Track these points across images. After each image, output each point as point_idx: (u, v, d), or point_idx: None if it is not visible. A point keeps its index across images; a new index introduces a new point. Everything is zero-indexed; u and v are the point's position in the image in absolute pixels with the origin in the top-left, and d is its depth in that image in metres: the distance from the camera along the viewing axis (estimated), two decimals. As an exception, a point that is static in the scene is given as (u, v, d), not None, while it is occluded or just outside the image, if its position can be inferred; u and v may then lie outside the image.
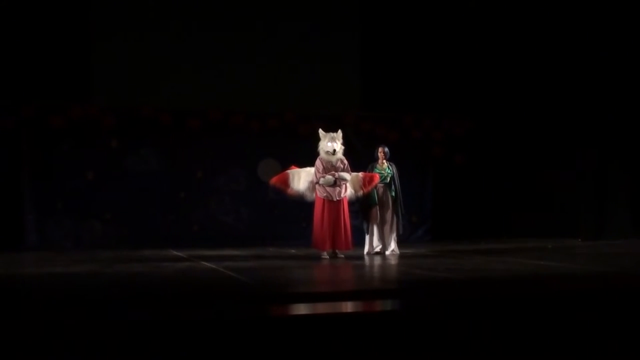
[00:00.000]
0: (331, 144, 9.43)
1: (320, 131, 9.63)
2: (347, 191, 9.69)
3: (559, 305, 5.32)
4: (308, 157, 9.90)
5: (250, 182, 13.49)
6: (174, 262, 8.91)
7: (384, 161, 10.32)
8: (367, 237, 10.29)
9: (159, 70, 13.17)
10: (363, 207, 10.37)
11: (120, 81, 12.99)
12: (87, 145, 12.84)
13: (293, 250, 11.24)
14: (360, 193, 9.87)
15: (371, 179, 9.89)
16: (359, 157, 12.93)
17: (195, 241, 12.83)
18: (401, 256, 9.81)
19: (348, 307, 5.34)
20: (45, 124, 12.51)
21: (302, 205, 10.40)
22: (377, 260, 9.31)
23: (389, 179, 10.27)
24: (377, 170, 10.19)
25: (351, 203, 10.30)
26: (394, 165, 10.38)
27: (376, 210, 10.18)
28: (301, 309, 5.21)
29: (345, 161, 9.67)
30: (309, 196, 9.73)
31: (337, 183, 9.48)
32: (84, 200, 12.76)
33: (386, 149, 10.37)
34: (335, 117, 13.18)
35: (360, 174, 9.89)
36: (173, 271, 7.71)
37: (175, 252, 10.92)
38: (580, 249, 10.71)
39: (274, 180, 9.76)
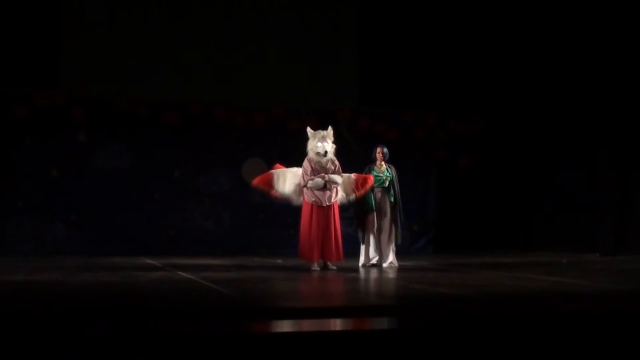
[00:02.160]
0: (322, 144, 9.40)
1: (309, 130, 9.60)
2: (338, 195, 9.65)
3: (573, 326, 5.31)
4: (298, 155, 9.85)
5: (234, 183, 13.48)
6: (147, 272, 8.87)
7: (383, 163, 10.29)
8: (362, 248, 10.27)
9: (134, 58, 13.17)
10: (358, 213, 10.34)
11: (91, 69, 12.98)
12: (52, 138, 12.82)
13: (280, 261, 11.21)
14: (353, 197, 9.83)
15: (365, 181, 9.85)
16: (354, 157, 12.99)
17: (171, 248, 12.85)
18: (400, 269, 9.78)
19: (338, 324, 5.32)
20: (5, 114, 12.48)
21: (290, 210, 10.39)
22: (373, 273, 9.28)
23: (387, 182, 10.24)
24: (375, 173, 10.18)
25: (344, 209, 10.28)
26: (393, 168, 10.36)
27: (373, 218, 10.16)
28: (286, 325, 5.18)
29: (337, 162, 9.61)
30: (295, 200, 9.69)
31: (327, 186, 9.42)
32: (47, 200, 12.74)
33: (385, 149, 10.34)
34: (329, 112, 13.24)
35: (353, 176, 9.85)
36: (146, 281, 7.66)
37: (148, 260, 10.88)
38: (597, 264, 10.69)
39: (256, 181, 9.72)
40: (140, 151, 13.24)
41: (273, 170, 9.73)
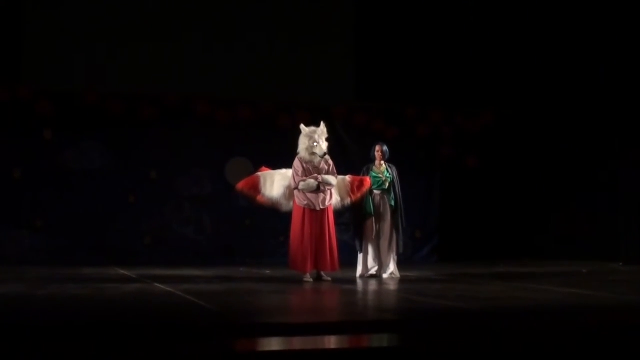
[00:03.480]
0: (318, 143, 9.43)
1: (303, 127, 9.63)
2: (333, 198, 9.66)
3: (593, 343, 5.31)
4: (288, 155, 9.87)
5: (217, 185, 13.47)
6: (121, 284, 8.85)
7: (382, 163, 10.29)
8: (360, 257, 10.26)
9: (106, 47, 13.12)
10: (356, 218, 10.33)
11: (58, 60, 12.93)
12: (14, 136, 12.79)
13: (268, 271, 11.19)
14: (348, 201, 9.84)
15: (361, 184, 9.86)
16: (350, 157, 13.02)
17: (147, 257, 12.81)
18: (402, 280, 9.79)
19: (333, 342, 5.31)
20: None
21: (280, 214, 10.37)
22: (372, 284, 9.29)
23: (387, 184, 10.23)
24: (374, 174, 10.18)
25: (339, 214, 10.26)
26: (394, 168, 10.36)
27: (372, 223, 10.15)
28: (275, 344, 5.19)
29: (331, 162, 9.63)
30: (285, 205, 9.71)
31: (320, 188, 9.44)
32: (10, 205, 12.70)
33: (384, 148, 10.34)
34: (323, 107, 13.18)
35: (348, 178, 9.86)
36: (120, 295, 7.66)
37: (122, 271, 10.86)
38: (620, 274, 10.75)
39: (241, 185, 9.74)
40: (113, 150, 13.19)
41: (259, 173, 9.74)
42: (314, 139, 9.44)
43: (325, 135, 9.56)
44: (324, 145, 9.47)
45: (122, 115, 13.07)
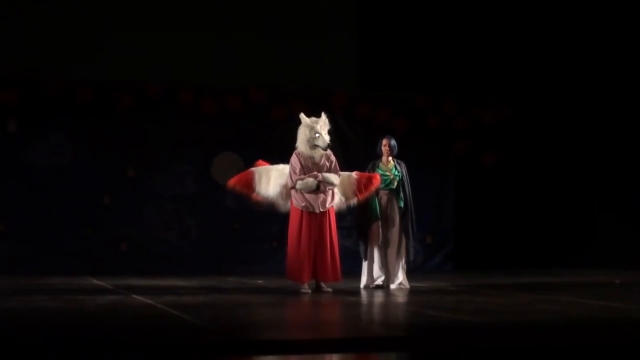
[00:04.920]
0: (320, 134, 9.38)
1: (302, 116, 9.57)
2: (335, 199, 9.62)
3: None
4: (283, 150, 9.83)
5: (202, 184, 13.51)
6: (95, 295, 8.83)
7: (390, 159, 10.24)
8: (364, 265, 10.21)
9: (77, 30, 13.11)
10: (360, 222, 10.29)
11: (22, 44, 12.93)
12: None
13: (261, 281, 11.19)
14: (354, 201, 9.82)
15: (369, 181, 9.81)
16: (353, 152, 13.01)
17: (124, 266, 12.83)
18: (412, 291, 9.77)
19: (335, 361, 5.28)
20: None
21: (274, 217, 10.39)
22: (379, 296, 9.24)
23: (395, 183, 10.19)
24: (380, 172, 10.12)
25: (341, 216, 10.23)
26: (403, 165, 10.31)
27: (378, 227, 10.10)
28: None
29: (333, 158, 9.59)
30: (282, 205, 9.67)
31: (320, 188, 9.40)
32: (-31, 206, 12.68)
33: (392, 142, 10.27)
34: (322, 96, 13.20)
35: (354, 175, 9.83)
36: (93, 308, 7.64)
37: (96, 281, 10.84)
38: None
39: (232, 182, 9.69)
40: (86, 144, 13.18)
41: (254, 168, 9.71)
42: (316, 130, 9.41)
43: (328, 126, 9.53)
44: (326, 137, 9.44)
45: (96, 106, 13.05)
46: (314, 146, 9.40)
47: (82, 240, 13.02)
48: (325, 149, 9.40)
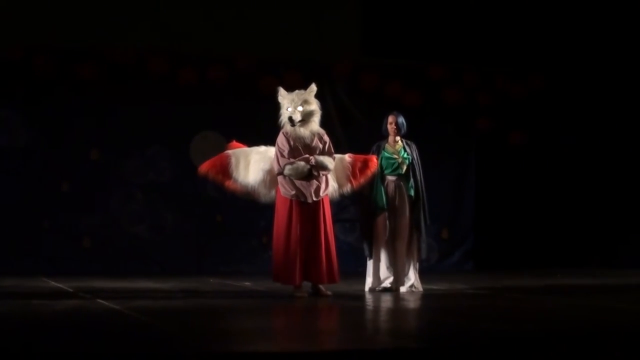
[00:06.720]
0: (290, 108, 9.30)
1: (280, 90, 9.50)
2: (330, 187, 9.52)
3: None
4: (274, 129, 9.65)
5: (178, 169, 13.48)
6: (53, 300, 8.83)
7: (398, 139, 10.16)
8: (369, 264, 10.15)
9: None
10: (363, 214, 10.25)
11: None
12: None
13: (247, 283, 11.22)
14: (348, 188, 9.71)
15: (365, 165, 9.73)
16: (355, 130, 13.01)
17: (87, 265, 12.88)
18: (425, 295, 9.74)
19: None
20: None
21: (262, 207, 10.36)
22: (386, 301, 9.22)
23: (404, 168, 10.10)
24: (387, 154, 10.06)
25: (341, 207, 10.14)
26: (414, 146, 10.23)
27: (384, 220, 10.04)
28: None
29: (327, 138, 9.50)
30: (265, 194, 9.56)
31: (313, 174, 9.30)
32: None
33: (400, 119, 10.17)
34: (320, 65, 13.29)
35: (348, 157, 9.74)
36: (50, 314, 7.65)
37: (53, 283, 10.87)
38: None
39: (205, 167, 9.60)
40: (42, 121, 13.19)
41: (230, 151, 9.61)
42: (285, 105, 9.38)
43: (308, 99, 9.39)
44: (296, 115, 9.31)
45: (53, 77, 13.10)
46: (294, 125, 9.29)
47: (37, 234, 13.05)
48: (292, 125, 9.29)
